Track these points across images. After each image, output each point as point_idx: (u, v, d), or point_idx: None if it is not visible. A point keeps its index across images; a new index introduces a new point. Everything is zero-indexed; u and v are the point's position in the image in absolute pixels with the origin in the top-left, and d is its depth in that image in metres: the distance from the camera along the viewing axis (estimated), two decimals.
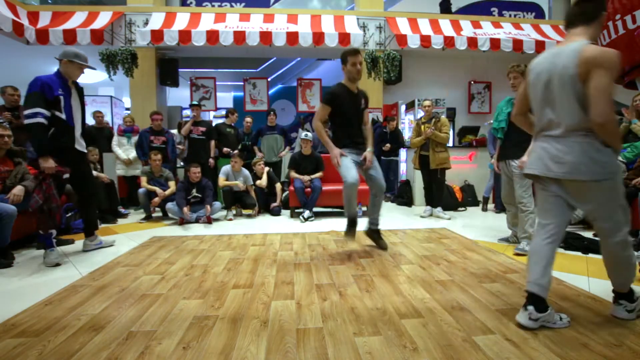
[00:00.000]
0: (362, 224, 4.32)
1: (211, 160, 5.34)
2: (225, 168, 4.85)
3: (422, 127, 4.59)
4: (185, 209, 4.22)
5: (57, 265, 2.70)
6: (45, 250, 2.76)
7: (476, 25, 7.02)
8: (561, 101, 1.59)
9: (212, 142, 5.40)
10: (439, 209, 4.66)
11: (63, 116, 2.80)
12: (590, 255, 2.85)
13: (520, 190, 3.00)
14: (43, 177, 2.71)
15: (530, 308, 1.63)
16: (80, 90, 3.03)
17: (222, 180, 4.76)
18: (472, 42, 6.49)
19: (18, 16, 5.75)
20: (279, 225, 4.28)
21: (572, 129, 1.58)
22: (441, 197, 4.74)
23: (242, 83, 7.80)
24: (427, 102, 4.61)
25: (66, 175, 2.93)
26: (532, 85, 1.75)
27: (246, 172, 4.89)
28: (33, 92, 2.67)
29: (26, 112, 2.64)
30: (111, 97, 8.03)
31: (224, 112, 7.30)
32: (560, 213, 1.71)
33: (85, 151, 3.13)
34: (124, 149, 5.37)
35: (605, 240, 1.65)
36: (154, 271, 2.53)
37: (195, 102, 5.48)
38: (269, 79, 8.11)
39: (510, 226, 3.30)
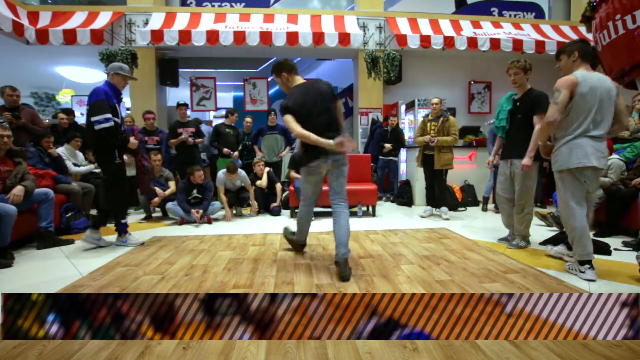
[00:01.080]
0: (362, 223, 4.30)
1: (190, 140, 5.17)
2: (220, 177, 4.67)
3: (428, 124, 4.55)
4: (194, 211, 4.22)
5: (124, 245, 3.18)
6: (124, 233, 3.23)
7: (476, 25, 7.01)
8: (608, 113, 2.28)
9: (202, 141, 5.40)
10: (445, 209, 4.62)
11: (119, 120, 3.10)
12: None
13: (522, 190, 2.97)
14: (137, 151, 3.30)
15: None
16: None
17: (221, 191, 4.65)
18: (472, 42, 6.48)
19: (18, 16, 5.74)
20: (279, 225, 4.26)
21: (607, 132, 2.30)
22: (445, 197, 4.71)
23: (242, 83, 7.80)
24: (435, 100, 4.50)
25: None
26: (582, 96, 2.24)
27: (242, 173, 4.82)
28: (100, 99, 2.90)
29: (97, 118, 2.87)
30: None
31: (224, 112, 7.28)
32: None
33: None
34: None
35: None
36: (154, 271, 2.53)
37: (181, 102, 5.32)
38: (269, 79, 8.07)
39: (507, 225, 3.27)
